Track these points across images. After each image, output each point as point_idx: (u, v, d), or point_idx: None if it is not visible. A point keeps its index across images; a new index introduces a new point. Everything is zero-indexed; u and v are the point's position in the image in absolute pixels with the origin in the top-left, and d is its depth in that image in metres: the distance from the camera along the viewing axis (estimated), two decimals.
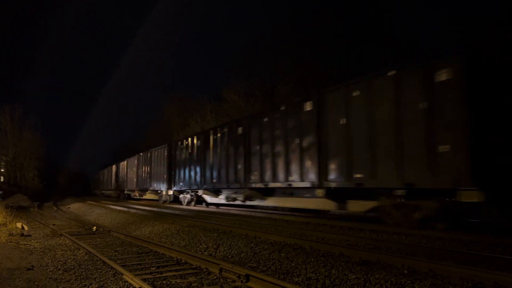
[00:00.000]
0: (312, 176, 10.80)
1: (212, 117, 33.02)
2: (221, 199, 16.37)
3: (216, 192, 16.84)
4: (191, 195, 19.36)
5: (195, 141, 18.66)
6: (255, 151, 13.42)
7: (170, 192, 21.80)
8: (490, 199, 6.97)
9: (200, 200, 18.71)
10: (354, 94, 9.57)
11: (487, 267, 4.86)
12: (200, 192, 17.90)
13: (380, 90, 8.88)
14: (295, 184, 11.43)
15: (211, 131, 17.18)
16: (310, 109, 11.14)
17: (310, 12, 27.49)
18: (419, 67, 8.04)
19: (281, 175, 12.02)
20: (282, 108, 12.38)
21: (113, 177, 37.80)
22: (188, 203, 19.65)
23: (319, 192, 10.53)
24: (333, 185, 10.12)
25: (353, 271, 4.88)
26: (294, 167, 11.44)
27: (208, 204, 18.28)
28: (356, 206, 9.60)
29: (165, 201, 22.83)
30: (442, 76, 7.52)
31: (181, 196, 20.65)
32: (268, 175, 12.66)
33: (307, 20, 27.12)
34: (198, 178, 17.94)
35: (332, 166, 10.17)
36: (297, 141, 11.42)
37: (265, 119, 13.07)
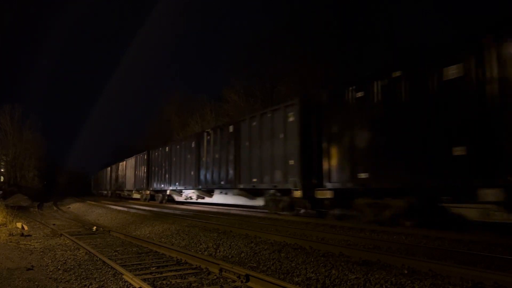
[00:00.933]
0: None
1: (212, 117, 33.03)
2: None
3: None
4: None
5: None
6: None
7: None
8: None
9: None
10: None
11: (487, 267, 4.86)
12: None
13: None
14: None
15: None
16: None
17: (310, 12, 27.49)
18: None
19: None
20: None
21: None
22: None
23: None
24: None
25: (353, 271, 4.88)
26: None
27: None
28: None
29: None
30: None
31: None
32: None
33: (307, 20, 27.13)
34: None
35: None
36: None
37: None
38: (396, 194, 8.59)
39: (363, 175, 9.25)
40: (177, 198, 21.30)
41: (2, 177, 49.88)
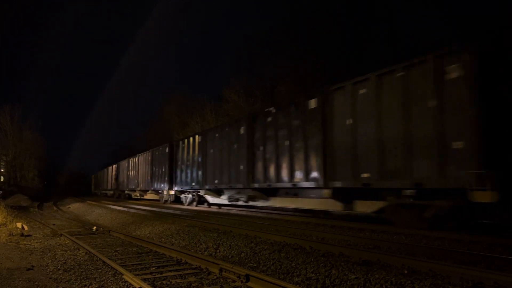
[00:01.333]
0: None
1: (212, 117, 33.01)
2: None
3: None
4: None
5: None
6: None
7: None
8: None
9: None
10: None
11: (487, 267, 4.86)
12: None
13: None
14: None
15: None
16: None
17: (310, 12, 27.50)
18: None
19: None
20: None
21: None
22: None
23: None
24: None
25: (353, 271, 4.88)
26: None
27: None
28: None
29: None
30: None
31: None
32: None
33: (307, 20, 27.13)
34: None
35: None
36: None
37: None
38: None
39: None
40: (213, 199, 17.04)
41: (2, 177, 49.87)
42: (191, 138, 19.10)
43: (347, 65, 23.01)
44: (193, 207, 18.57)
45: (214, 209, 17.18)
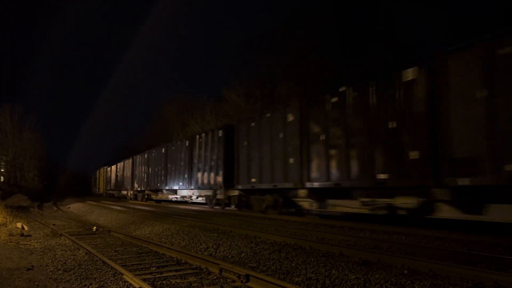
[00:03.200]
0: None
1: (212, 117, 33.03)
2: None
3: None
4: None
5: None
6: None
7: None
8: None
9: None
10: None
11: (487, 267, 4.86)
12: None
13: None
14: None
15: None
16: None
17: (310, 12, 27.51)
18: None
19: None
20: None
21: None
22: None
23: None
24: None
25: (353, 271, 4.88)
26: None
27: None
28: None
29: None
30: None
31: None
32: None
33: (307, 20, 27.13)
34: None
35: None
36: None
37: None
38: None
39: None
40: (309, 204, 11.59)
41: (2, 177, 49.84)
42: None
43: (347, 65, 23.01)
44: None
45: (214, 209, 17.18)
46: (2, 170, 50.37)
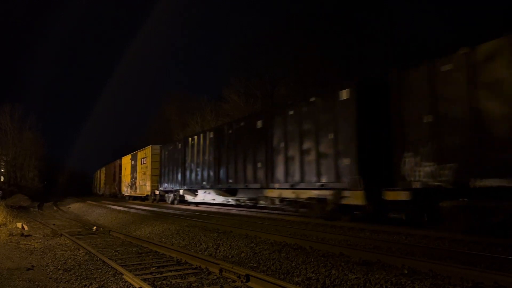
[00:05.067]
0: None
1: (212, 117, 33.01)
2: None
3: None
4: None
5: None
6: None
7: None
8: None
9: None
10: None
11: (487, 267, 4.86)
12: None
13: None
14: None
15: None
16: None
17: (310, 12, 27.50)
18: None
19: None
20: None
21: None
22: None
23: None
24: None
25: (353, 271, 4.88)
26: None
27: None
28: None
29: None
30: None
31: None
32: None
33: (307, 20, 27.14)
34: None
35: None
36: None
37: None
38: None
39: None
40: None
41: (2, 177, 49.84)
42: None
43: (347, 65, 23.01)
44: None
45: (214, 209, 17.17)
46: (2, 170, 50.36)
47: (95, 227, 11.30)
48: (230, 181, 15.02)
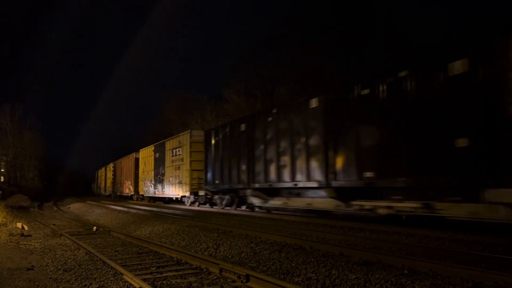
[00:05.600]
0: None
1: (212, 117, 33.02)
2: None
3: None
4: None
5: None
6: None
7: None
8: None
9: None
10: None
11: (487, 267, 4.86)
12: None
13: None
14: None
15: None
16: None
17: (310, 12, 27.51)
18: None
19: None
20: None
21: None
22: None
23: None
24: None
25: (353, 271, 4.89)
26: None
27: None
28: None
29: None
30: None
31: None
32: None
33: (307, 20, 27.14)
34: None
35: None
36: None
37: None
38: None
39: None
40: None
41: (2, 177, 49.83)
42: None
43: (347, 65, 23.00)
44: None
45: (214, 209, 17.17)
46: (2, 170, 50.35)
47: (95, 227, 11.30)
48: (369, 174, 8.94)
